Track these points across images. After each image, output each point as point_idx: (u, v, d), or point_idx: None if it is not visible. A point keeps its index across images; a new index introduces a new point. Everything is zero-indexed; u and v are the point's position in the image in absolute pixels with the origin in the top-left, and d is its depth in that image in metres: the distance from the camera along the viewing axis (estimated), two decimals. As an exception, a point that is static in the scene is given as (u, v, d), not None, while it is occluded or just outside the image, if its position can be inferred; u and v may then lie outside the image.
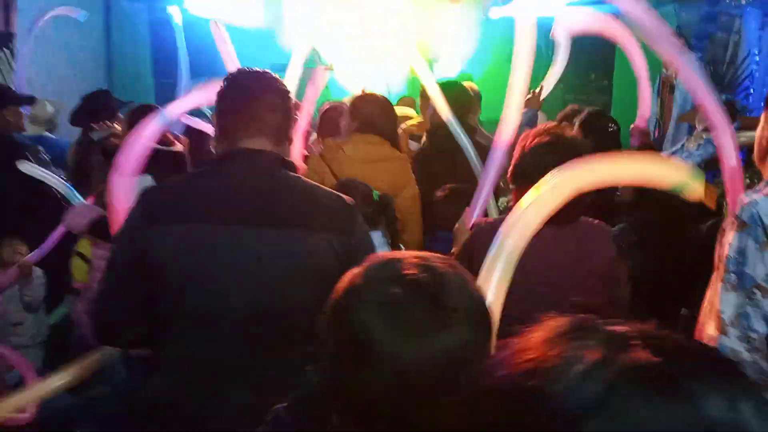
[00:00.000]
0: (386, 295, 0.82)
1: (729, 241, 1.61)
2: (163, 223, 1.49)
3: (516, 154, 1.93)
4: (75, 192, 2.85)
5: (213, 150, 1.64)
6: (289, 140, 1.67)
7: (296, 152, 3.08)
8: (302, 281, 1.50)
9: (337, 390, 0.86)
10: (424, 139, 3.52)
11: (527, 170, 1.84)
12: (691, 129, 3.80)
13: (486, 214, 2.40)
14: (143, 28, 7.15)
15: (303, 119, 3.12)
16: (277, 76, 1.67)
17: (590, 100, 4.65)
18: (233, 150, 1.58)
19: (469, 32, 6.76)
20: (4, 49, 5.26)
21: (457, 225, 2.24)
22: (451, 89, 3.23)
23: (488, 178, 2.30)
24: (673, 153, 3.41)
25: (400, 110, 4.70)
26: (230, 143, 1.59)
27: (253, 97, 1.59)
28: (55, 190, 2.94)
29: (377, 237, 2.26)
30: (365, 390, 0.82)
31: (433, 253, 0.92)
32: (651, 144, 3.14)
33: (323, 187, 1.66)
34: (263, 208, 1.52)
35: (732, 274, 1.59)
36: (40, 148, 3.52)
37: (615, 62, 6.23)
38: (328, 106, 3.62)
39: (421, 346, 0.80)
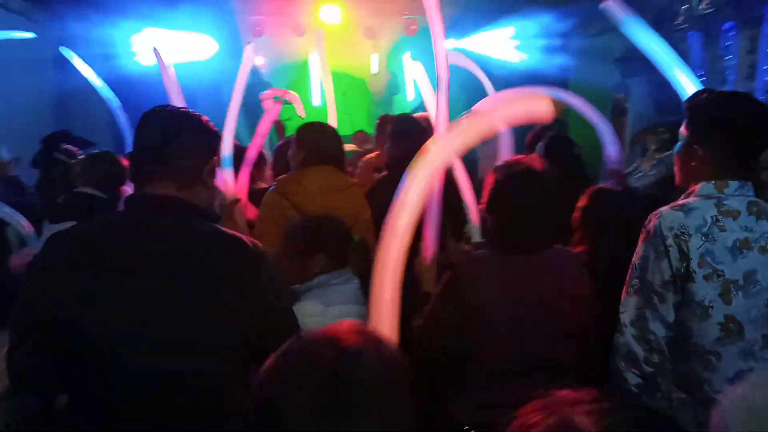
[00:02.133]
0: (304, 386, 0.85)
1: (637, 249, 1.74)
2: (62, 271, 1.41)
3: (488, 186, 1.94)
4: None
5: None
6: (203, 184, 1.55)
7: (241, 188, 3.08)
8: (193, 338, 1.41)
9: None
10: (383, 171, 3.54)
11: (500, 204, 1.89)
12: (644, 150, 3.91)
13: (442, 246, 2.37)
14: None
15: (252, 153, 3.14)
16: (198, 115, 1.59)
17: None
18: (137, 195, 1.53)
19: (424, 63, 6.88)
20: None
21: (417, 261, 2.18)
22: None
23: (433, 210, 2.26)
24: (628, 173, 3.49)
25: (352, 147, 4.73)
26: (137, 187, 1.54)
27: (165, 138, 1.52)
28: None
29: (345, 275, 2.24)
30: None
31: (354, 325, 0.94)
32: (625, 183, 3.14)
33: (230, 232, 1.54)
34: (155, 259, 1.42)
35: (635, 279, 1.73)
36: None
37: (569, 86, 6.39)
38: (281, 142, 3.63)
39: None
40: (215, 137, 1.62)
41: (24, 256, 2.81)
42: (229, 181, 3.01)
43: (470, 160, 3.04)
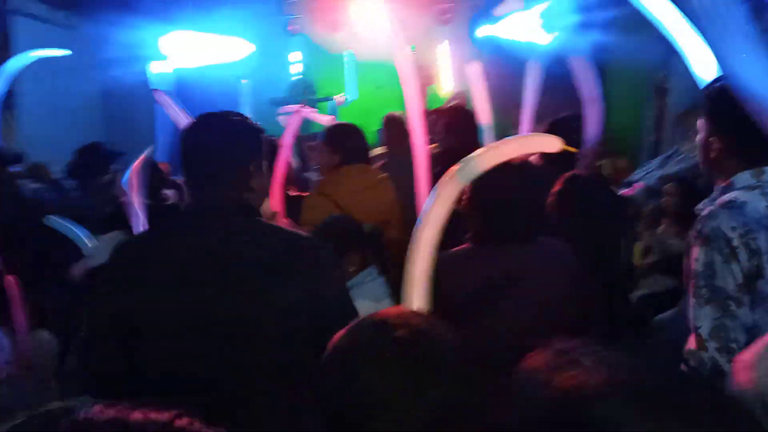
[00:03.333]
0: (379, 358, 0.89)
1: (695, 256, 1.62)
2: (130, 280, 1.48)
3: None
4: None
5: None
6: (256, 184, 1.58)
7: (276, 200, 3.06)
8: (272, 335, 1.45)
9: None
10: None
11: (475, 195, 1.89)
12: (686, 132, 3.79)
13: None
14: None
15: (282, 158, 3.14)
16: (245, 118, 1.62)
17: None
18: (196, 205, 1.56)
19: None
20: (7, 110, 5.35)
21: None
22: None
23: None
24: (668, 156, 3.39)
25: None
26: (192, 192, 1.58)
27: (215, 143, 1.55)
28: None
29: (372, 274, 2.26)
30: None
31: (413, 311, 1.00)
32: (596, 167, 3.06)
33: (290, 229, 1.60)
34: (228, 266, 1.46)
35: (704, 289, 1.61)
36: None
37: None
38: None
39: (414, 404, 0.85)
40: (262, 139, 1.64)
41: (82, 265, 2.90)
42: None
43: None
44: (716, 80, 1.72)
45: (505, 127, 3.61)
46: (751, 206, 1.58)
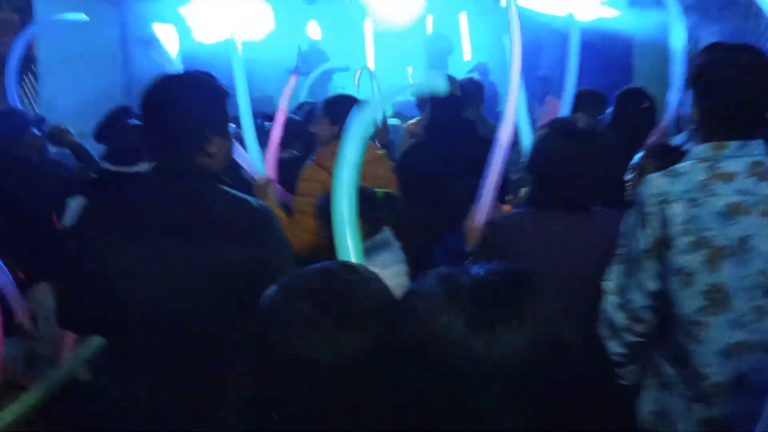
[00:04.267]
0: (298, 311, 0.90)
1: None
2: (98, 235, 1.56)
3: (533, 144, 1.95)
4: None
5: None
6: (209, 151, 1.58)
7: (270, 167, 3.04)
8: (211, 297, 1.52)
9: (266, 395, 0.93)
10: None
11: (538, 160, 1.90)
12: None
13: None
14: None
15: (277, 128, 3.10)
16: (203, 79, 1.61)
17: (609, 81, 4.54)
18: (152, 168, 1.62)
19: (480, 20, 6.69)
20: (28, 74, 5.35)
21: (467, 223, 2.24)
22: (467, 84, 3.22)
23: (492, 173, 2.24)
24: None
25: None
26: (151, 158, 1.63)
27: (165, 108, 1.57)
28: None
29: (387, 236, 2.26)
30: (290, 395, 0.90)
31: (336, 261, 1.03)
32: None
33: (234, 193, 1.60)
34: (178, 223, 1.52)
35: (620, 247, 1.71)
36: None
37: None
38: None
39: (333, 354, 0.87)
40: (224, 103, 1.63)
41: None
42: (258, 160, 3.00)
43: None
44: (708, 47, 1.71)
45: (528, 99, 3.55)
46: (687, 177, 1.60)
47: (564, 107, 2.98)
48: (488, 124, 3.63)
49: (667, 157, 2.35)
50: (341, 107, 2.88)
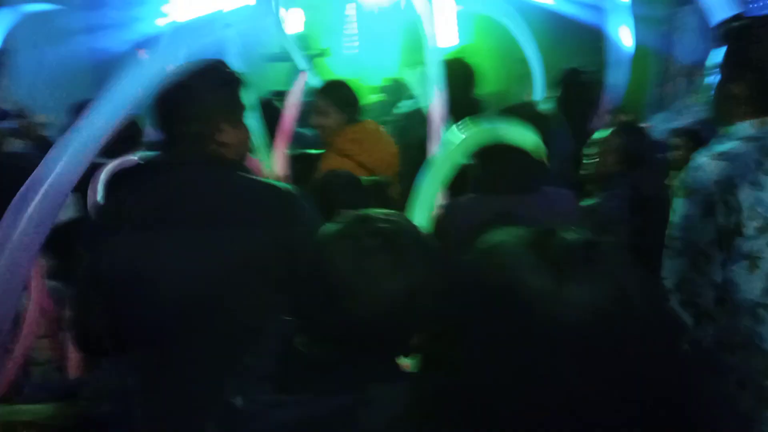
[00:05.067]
0: (358, 246, 0.98)
1: (675, 206, 1.59)
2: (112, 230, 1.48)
3: None
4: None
5: None
6: (223, 141, 1.54)
7: (279, 155, 2.99)
8: (242, 281, 1.44)
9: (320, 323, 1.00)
10: None
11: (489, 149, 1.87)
12: (692, 85, 3.72)
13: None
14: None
15: (287, 119, 3.05)
16: (216, 69, 1.57)
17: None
18: (162, 160, 1.57)
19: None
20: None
21: None
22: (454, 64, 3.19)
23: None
24: (675, 110, 3.33)
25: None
26: (163, 150, 1.58)
27: (176, 99, 1.52)
28: None
29: None
30: (344, 321, 0.96)
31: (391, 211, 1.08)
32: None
33: (257, 178, 1.57)
34: (202, 210, 1.48)
35: (676, 241, 1.58)
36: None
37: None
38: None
39: (387, 287, 0.95)
40: (237, 91, 1.58)
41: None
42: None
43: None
44: (734, 17, 1.65)
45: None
46: (742, 159, 1.52)
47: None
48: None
49: (632, 135, 2.37)
50: (343, 92, 2.85)
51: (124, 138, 2.95)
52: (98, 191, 2.36)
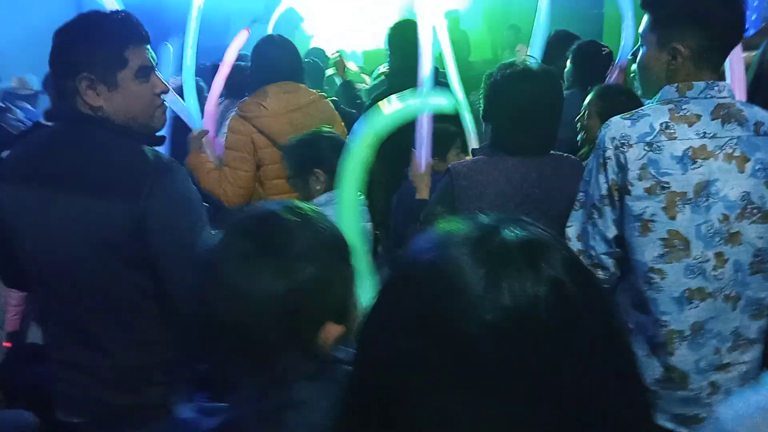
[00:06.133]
0: (239, 250, 0.96)
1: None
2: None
3: (486, 91, 1.93)
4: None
5: None
6: (88, 101, 1.47)
7: (208, 115, 2.95)
8: (92, 252, 1.45)
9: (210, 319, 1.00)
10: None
11: (495, 105, 1.88)
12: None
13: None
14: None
15: (218, 80, 3.02)
16: (98, 17, 1.50)
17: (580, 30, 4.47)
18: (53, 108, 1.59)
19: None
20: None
21: (411, 171, 2.31)
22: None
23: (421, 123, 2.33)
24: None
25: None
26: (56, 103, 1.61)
27: (55, 54, 1.49)
28: None
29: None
30: (229, 319, 0.95)
31: (284, 200, 1.08)
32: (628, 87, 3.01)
33: (130, 144, 1.51)
34: (60, 172, 1.47)
35: (581, 193, 1.67)
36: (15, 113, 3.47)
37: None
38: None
39: (267, 288, 0.93)
40: (103, 44, 1.48)
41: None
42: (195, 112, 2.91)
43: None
44: None
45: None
46: (646, 120, 1.54)
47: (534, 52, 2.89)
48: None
49: (615, 99, 2.31)
50: (264, 50, 2.78)
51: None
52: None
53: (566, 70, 3.28)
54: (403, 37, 2.97)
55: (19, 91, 4.40)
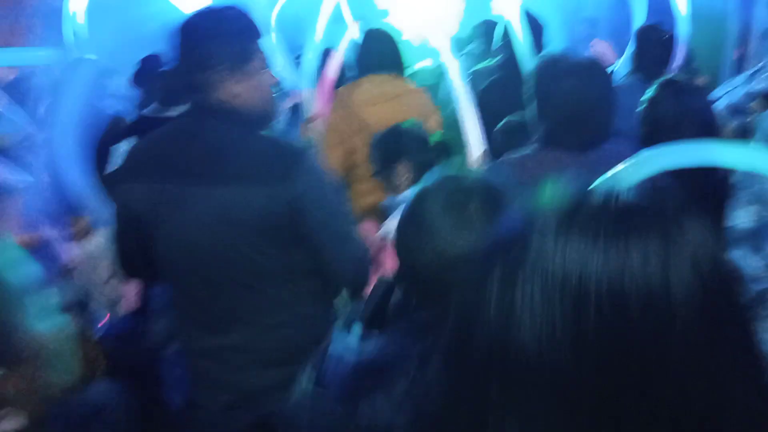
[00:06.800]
0: (447, 199, 1.05)
1: None
2: (131, 180, 1.60)
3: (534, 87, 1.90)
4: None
5: None
6: (230, 90, 1.53)
7: (322, 100, 3.02)
8: (243, 239, 1.51)
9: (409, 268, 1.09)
10: None
11: (547, 98, 1.84)
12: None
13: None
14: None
15: (334, 64, 3.10)
16: (224, 12, 1.56)
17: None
18: (189, 105, 1.62)
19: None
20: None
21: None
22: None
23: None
24: (754, 73, 3.14)
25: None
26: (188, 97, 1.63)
27: (186, 48, 1.55)
28: None
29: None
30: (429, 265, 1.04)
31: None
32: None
33: (263, 135, 1.59)
34: (205, 166, 1.52)
35: (748, 189, 1.66)
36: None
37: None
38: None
39: (470, 236, 1.00)
40: (249, 40, 1.57)
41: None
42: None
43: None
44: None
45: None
46: None
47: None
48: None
49: (679, 93, 2.24)
50: (363, 42, 2.88)
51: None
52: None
53: (627, 54, 3.23)
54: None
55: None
